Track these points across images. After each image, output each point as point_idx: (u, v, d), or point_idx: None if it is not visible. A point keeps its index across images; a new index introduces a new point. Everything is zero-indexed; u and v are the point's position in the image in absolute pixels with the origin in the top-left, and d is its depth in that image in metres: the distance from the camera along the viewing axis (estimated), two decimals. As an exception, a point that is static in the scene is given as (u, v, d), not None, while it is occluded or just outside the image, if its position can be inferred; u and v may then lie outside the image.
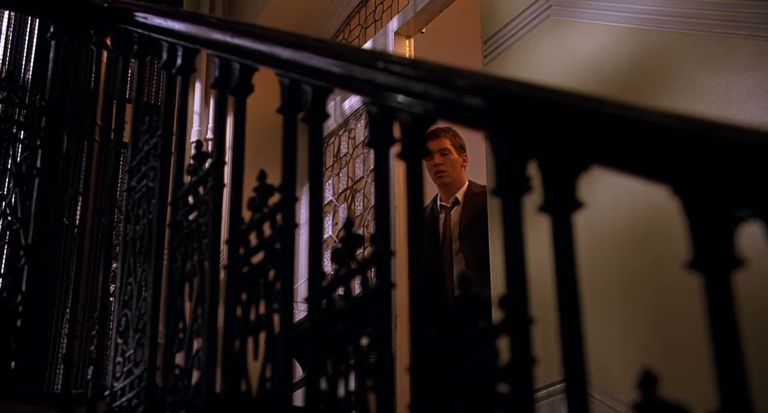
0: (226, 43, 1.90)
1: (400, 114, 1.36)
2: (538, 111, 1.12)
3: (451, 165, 4.44)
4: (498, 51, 3.46)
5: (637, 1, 2.89)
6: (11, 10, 2.92)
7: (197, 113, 5.60)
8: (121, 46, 2.44)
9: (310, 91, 1.59)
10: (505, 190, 1.13)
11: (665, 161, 0.93)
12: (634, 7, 2.89)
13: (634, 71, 2.84)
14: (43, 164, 2.38)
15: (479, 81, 1.25)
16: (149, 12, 2.30)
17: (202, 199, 1.89)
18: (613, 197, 2.69)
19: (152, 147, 2.17)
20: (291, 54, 1.67)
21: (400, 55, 1.41)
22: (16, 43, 3.31)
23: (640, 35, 2.86)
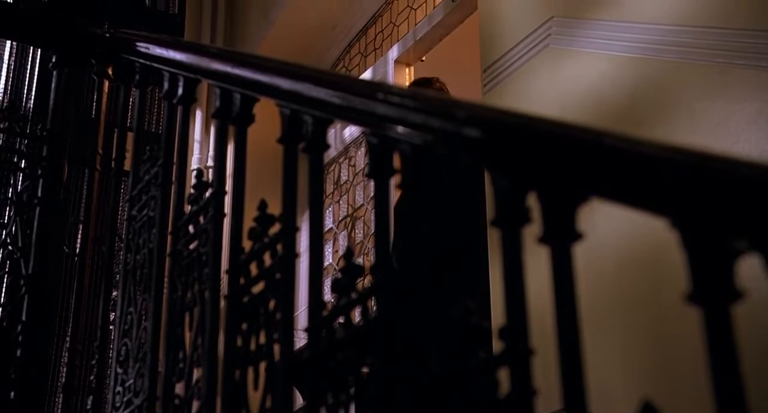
0: (227, 74, 1.91)
1: (400, 145, 1.37)
2: (537, 143, 1.13)
3: None
4: (497, 80, 3.47)
5: (637, 31, 2.91)
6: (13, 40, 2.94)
7: (198, 140, 5.62)
8: (123, 76, 2.45)
9: (311, 122, 1.60)
10: (504, 221, 1.14)
11: (663, 194, 0.93)
12: (634, 36, 2.91)
13: (634, 100, 2.86)
14: (44, 193, 2.39)
15: (478, 113, 1.25)
16: (151, 42, 2.31)
17: (203, 228, 1.90)
18: (613, 223, 2.70)
19: (153, 176, 2.17)
20: (291, 85, 1.68)
21: (399, 87, 1.42)
22: (18, 73, 3.33)
23: (639, 64, 2.87)
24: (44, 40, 2.58)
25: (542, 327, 1.20)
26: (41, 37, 2.56)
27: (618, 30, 2.99)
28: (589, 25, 3.11)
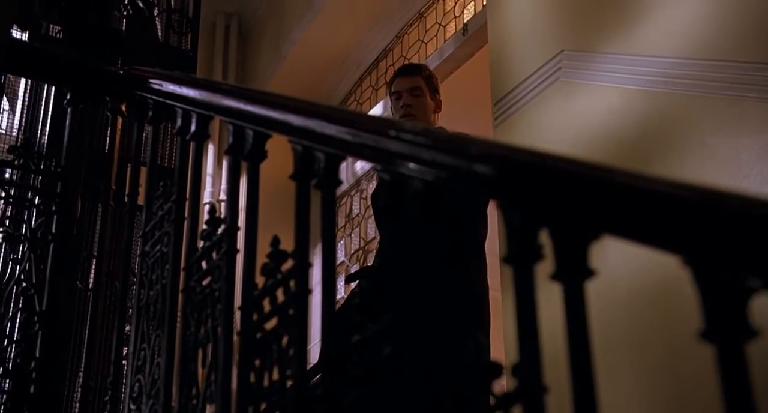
0: (240, 111, 1.93)
1: (413, 181, 1.38)
2: (549, 180, 1.13)
3: (422, 108, 3.73)
4: (508, 113, 3.49)
5: (647, 64, 2.92)
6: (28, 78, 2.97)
7: (210, 174, 5.64)
8: (137, 112, 2.47)
9: (323, 159, 1.61)
10: (516, 258, 1.14)
11: (676, 231, 0.94)
12: (644, 69, 2.92)
13: (645, 133, 2.86)
14: (58, 229, 2.40)
15: (490, 149, 1.26)
16: (164, 79, 2.33)
17: (216, 264, 1.90)
18: (626, 255, 2.69)
19: (166, 212, 2.18)
20: (303, 121, 1.69)
21: (411, 123, 1.43)
22: (32, 109, 3.36)
23: (650, 97, 2.88)
24: (59, 77, 2.60)
25: (555, 361, 1.19)
26: (56, 74, 2.58)
27: (628, 63, 3.00)
28: (599, 59, 3.13)
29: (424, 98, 3.71)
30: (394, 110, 3.73)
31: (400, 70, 3.86)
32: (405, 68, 3.86)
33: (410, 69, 3.86)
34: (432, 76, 3.83)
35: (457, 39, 4.73)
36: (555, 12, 3.44)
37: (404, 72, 3.80)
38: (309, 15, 5.45)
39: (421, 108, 3.69)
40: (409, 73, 3.79)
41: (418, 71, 3.81)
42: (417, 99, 3.69)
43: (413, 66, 3.95)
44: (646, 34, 2.98)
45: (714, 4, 2.77)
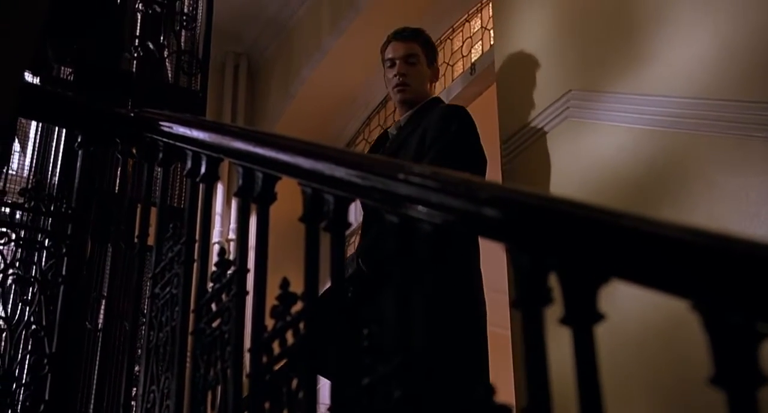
0: (249, 153, 1.94)
1: (421, 224, 1.38)
2: (557, 224, 1.13)
3: (418, 77, 3.42)
4: (516, 152, 3.50)
5: (654, 103, 2.93)
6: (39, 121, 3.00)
7: (219, 213, 5.66)
8: (147, 154, 2.49)
9: (332, 201, 1.62)
10: (525, 302, 1.14)
11: (684, 276, 0.94)
12: (652, 108, 2.93)
13: (653, 172, 2.86)
14: (68, 271, 2.41)
15: (498, 193, 1.27)
16: (173, 121, 2.35)
17: (225, 306, 1.91)
18: (636, 295, 2.68)
19: (176, 254, 2.19)
20: (312, 164, 1.70)
21: (420, 166, 1.44)
22: (43, 150, 3.38)
23: (657, 136, 2.89)
24: (70, 120, 2.63)
25: (565, 405, 1.19)
26: (67, 117, 2.61)
27: (635, 102, 3.01)
28: (607, 98, 3.14)
29: (420, 66, 3.42)
30: (387, 79, 3.45)
31: (394, 33, 3.51)
32: (400, 32, 3.49)
33: (406, 33, 3.49)
34: (430, 41, 3.53)
35: (464, 78, 4.75)
36: (562, 51, 3.46)
37: (399, 36, 3.46)
38: (318, 55, 5.49)
39: (416, 77, 3.41)
40: (405, 37, 3.46)
41: (415, 36, 3.48)
42: (412, 67, 3.40)
43: (409, 30, 3.54)
44: (654, 73, 2.99)
45: (721, 43, 2.79)
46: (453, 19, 5.05)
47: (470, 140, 3.23)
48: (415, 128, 3.27)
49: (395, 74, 3.39)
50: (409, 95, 3.42)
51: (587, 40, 3.35)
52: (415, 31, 3.53)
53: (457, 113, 3.30)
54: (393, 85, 3.41)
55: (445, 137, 3.15)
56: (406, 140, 3.27)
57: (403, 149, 3.23)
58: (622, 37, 3.19)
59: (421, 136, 3.20)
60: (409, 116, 3.40)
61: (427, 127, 3.22)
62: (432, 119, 3.24)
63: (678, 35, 2.94)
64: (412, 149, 3.18)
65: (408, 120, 3.38)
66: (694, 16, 2.91)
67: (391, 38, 3.49)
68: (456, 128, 3.18)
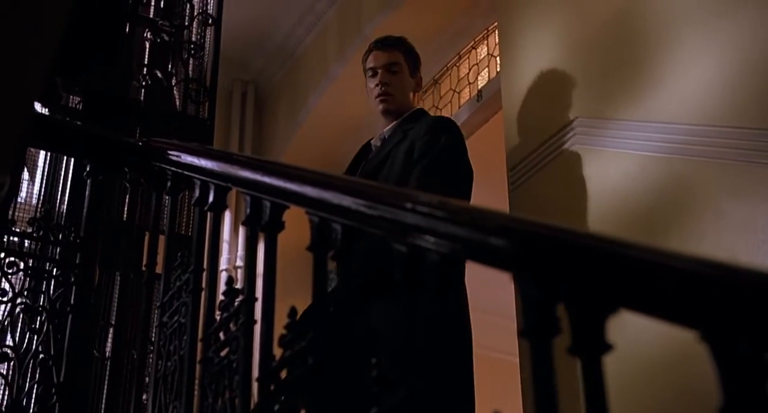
0: (257, 182, 1.95)
1: (429, 254, 1.39)
2: (565, 254, 1.14)
3: (401, 87, 3.32)
4: (523, 179, 3.50)
5: (661, 130, 2.94)
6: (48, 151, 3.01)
7: (226, 241, 5.66)
8: (155, 183, 2.50)
9: (340, 230, 1.62)
10: (533, 332, 1.14)
11: (691, 306, 0.94)
12: (658, 135, 2.94)
13: (660, 199, 2.86)
14: (77, 300, 2.41)
15: (505, 222, 1.27)
16: (182, 150, 2.36)
17: (234, 335, 1.91)
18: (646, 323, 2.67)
19: (184, 283, 2.20)
20: (319, 193, 1.71)
21: (427, 195, 1.45)
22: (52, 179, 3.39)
23: (664, 163, 2.89)
24: (79, 150, 2.64)
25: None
26: (76, 147, 2.63)
27: (641, 129, 3.02)
28: (613, 125, 3.15)
29: (402, 75, 3.33)
30: (368, 89, 3.36)
31: (375, 42, 3.41)
32: (381, 41, 3.39)
33: (388, 42, 3.39)
34: (413, 50, 3.43)
35: (471, 105, 4.77)
36: (569, 78, 3.48)
37: (381, 45, 3.35)
38: (324, 82, 5.51)
39: (399, 87, 3.32)
40: (387, 46, 3.36)
41: (397, 44, 3.39)
42: (395, 76, 3.31)
43: (392, 38, 3.44)
44: (660, 100, 3.00)
45: (726, 70, 2.80)
46: (459, 46, 5.07)
47: (459, 153, 3.18)
48: (402, 140, 3.18)
49: (377, 84, 3.30)
50: (392, 106, 3.33)
51: (593, 67, 3.36)
52: (398, 39, 3.44)
53: (445, 126, 3.23)
54: (375, 95, 3.32)
55: (433, 151, 3.07)
56: (392, 151, 3.17)
57: (389, 161, 3.15)
58: (628, 64, 3.20)
59: (409, 148, 3.12)
60: (394, 127, 3.30)
61: (414, 139, 3.13)
62: (420, 130, 3.15)
63: (684, 63, 2.95)
64: (399, 161, 3.10)
65: (393, 131, 3.28)
66: (699, 44, 2.92)
67: (372, 47, 3.39)
68: (445, 141, 3.11)
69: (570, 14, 3.54)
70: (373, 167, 3.18)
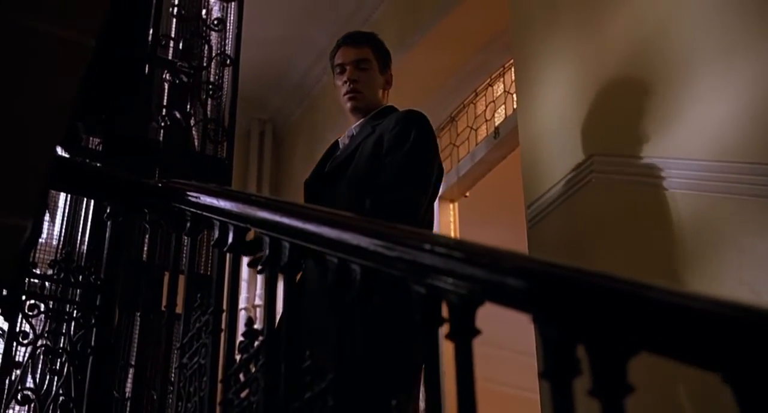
0: (275, 223, 1.96)
1: (448, 295, 1.39)
2: (583, 295, 1.14)
3: (370, 84, 3.20)
4: (542, 215, 3.50)
5: (679, 166, 2.94)
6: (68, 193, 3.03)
7: (245, 279, 5.67)
8: (175, 224, 2.51)
9: (359, 271, 1.63)
10: (553, 373, 1.14)
11: (712, 348, 0.94)
12: (676, 171, 2.94)
13: (680, 236, 2.86)
14: (97, 342, 2.42)
15: (523, 263, 1.27)
16: (201, 192, 2.37)
17: (254, 377, 1.91)
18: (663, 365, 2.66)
19: (204, 324, 2.20)
20: (338, 234, 1.71)
21: (445, 237, 1.46)
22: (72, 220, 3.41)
23: (683, 199, 2.89)
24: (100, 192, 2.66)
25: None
26: (96, 189, 2.65)
27: (659, 166, 3.02)
28: (631, 162, 3.15)
29: (372, 72, 3.21)
30: (336, 86, 3.25)
31: (344, 38, 3.31)
32: (350, 36, 3.28)
33: (356, 37, 3.28)
34: (383, 46, 3.31)
35: (488, 142, 4.78)
36: (586, 115, 3.48)
37: (349, 40, 3.24)
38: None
39: (368, 84, 3.19)
40: (356, 42, 3.25)
41: (366, 40, 3.27)
42: (364, 73, 3.19)
43: (361, 34, 3.35)
44: (677, 136, 3.00)
45: (745, 105, 2.80)
46: (476, 84, 5.10)
47: (429, 148, 3.05)
48: (370, 134, 3.07)
49: (345, 81, 3.18)
50: (361, 103, 3.20)
51: (610, 103, 3.37)
52: (367, 34, 3.34)
53: (415, 119, 3.08)
54: (343, 92, 3.20)
55: (403, 145, 2.96)
56: (360, 145, 3.07)
57: (356, 155, 3.05)
58: (645, 100, 3.20)
59: (377, 140, 3.02)
60: (362, 123, 3.19)
61: (383, 132, 3.03)
62: (388, 124, 3.05)
63: (701, 98, 2.95)
64: (366, 154, 3.01)
65: (361, 128, 3.17)
66: (717, 80, 2.92)
67: (340, 43, 3.28)
68: (415, 136, 2.98)
69: (586, 51, 3.56)
70: (340, 163, 3.10)
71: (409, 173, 2.91)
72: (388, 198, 2.85)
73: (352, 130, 3.22)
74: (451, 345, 1.34)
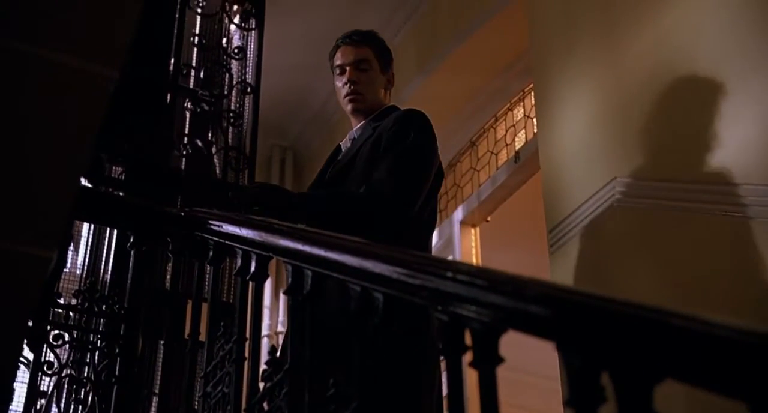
0: (297, 251, 1.96)
1: (470, 322, 1.38)
2: (606, 322, 1.13)
3: (371, 85, 3.10)
4: (564, 240, 3.49)
5: (701, 189, 2.93)
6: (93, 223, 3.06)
7: (267, 306, 5.68)
8: (197, 253, 2.52)
9: (382, 299, 1.63)
10: (578, 401, 1.13)
11: (739, 377, 0.93)
12: (698, 196, 2.92)
13: (705, 259, 2.84)
14: (121, 371, 2.43)
15: (546, 291, 1.27)
16: (223, 220, 2.39)
17: (277, 405, 1.91)
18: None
19: (227, 353, 2.20)
20: (360, 262, 1.71)
21: (467, 264, 1.46)
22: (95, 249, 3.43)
23: (707, 222, 2.87)
24: (123, 222, 2.68)
25: None
26: (120, 219, 2.67)
27: (681, 190, 3.01)
28: (654, 185, 3.14)
29: (372, 73, 3.10)
30: (337, 88, 3.15)
31: (343, 37, 3.19)
32: (350, 36, 3.17)
33: (356, 37, 3.16)
34: (383, 45, 3.20)
35: (509, 167, 4.78)
36: (606, 138, 3.48)
37: (348, 41, 3.13)
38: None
39: (369, 85, 3.08)
40: (355, 42, 3.13)
41: (366, 40, 3.15)
42: (364, 74, 3.08)
43: (360, 33, 3.20)
44: (699, 159, 2.99)
45: (765, 128, 2.79)
46: (496, 108, 5.11)
47: (427, 147, 2.94)
48: (370, 136, 2.99)
49: (345, 82, 3.08)
50: (361, 106, 3.09)
51: (631, 126, 3.36)
52: (367, 33, 3.20)
53: (414, 118, 2.99)
54: (343, 94, 3.10)
55: (400, 145, 2.87)
56: (361, 149, 2.99)
57: (356, 160, 2.97)
58: (665, 123, 3.20)
59: (375, 142, 2.93)
60: (364, 125, 3.10)
61: (381, 132, 2.94)
62: (387, 124, 2.96)
63: (722, 121, 2.94)
64: (365, 158, 2.93)
65: (362, 130, 3.08)
66: (736, 102, 2.92)
67: (339, 43, 3.17)
68: (414, 136, 2.89)
69: (605, 74, 3.56)
70: (341, 168, 3.04)
71: (403, 170, 2.82)
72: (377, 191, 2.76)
73: (354, 133, 3.15)
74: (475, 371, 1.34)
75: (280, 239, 2.08)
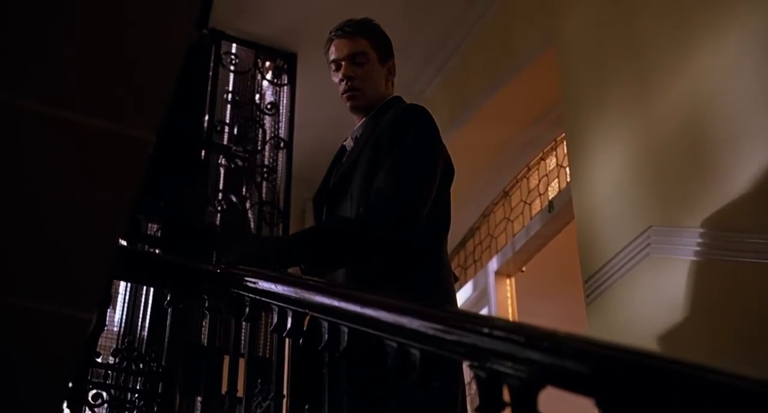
0: (333, 308, 1.97)
1: (508, 378, 1.38)
2: (645, 378, 1.13)
3: (369, 79, 2.87)
4: (600, 290, 3.47)
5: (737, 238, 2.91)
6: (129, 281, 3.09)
7: (304, 359, 5.67)
8: (234, 309, 2.53)
9: (418, 356, 1.63)
10: (618, 458, 1.13)
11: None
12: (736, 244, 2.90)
13: (744, 308, 2.81)
14: (160, 431, 2.44)
15: (583, 346, 1.27)
16: (258, 277, 2.40)
17: (315, 463, 1.90)
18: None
19: (265, 410, 2.20)
20: (396, 318, 1.71)
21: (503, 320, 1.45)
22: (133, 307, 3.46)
23: (745, 271, 2.85)
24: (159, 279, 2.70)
25: None
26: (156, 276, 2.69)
27: (717, 238, 2.98)
28: (690, 233, 3.12)
29: (370, 66, 2.88)
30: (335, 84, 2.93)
31: (335, 29, 2.93)
32: (342, 27, 2.92)
33: (349, 28, 2.91)
34: (380, 34, 2.95)
35: (543, 216, 4.78)
36: (640, 187, 3.47)
37: (341, 33, 2.89)
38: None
39: (367, 79, 2.86)
40: (349, 33, 2.88)
41: (360, 30, 2.90)
42: (361, 68, 2.86)
43: (353, 23, 2.94)
44: (735, 206, 2.98)
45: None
46: (528, 158, 5.12)
47: (429, 144, 2.74)
48: (370, 137, 2.79)
49: (341, 79, 2.86)
50: (361, 102, 2.88)
51: (665, 174, 3.36)
52: (361, 23, 2.94)
53: (412, 116, 2.78)
54: (341, 91, 2.88)
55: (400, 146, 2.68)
56: (363, 151, 2.78)
57: (357, 165, 2.77)
58: (700, 170, 3.19)
59: (374, 146, 2.73)
60: (365, 123, 2.90)
61: (380, 135, 2.74)
62: (385, 124, 2.76)
63: (756, 166, 2.93)
64: (365, 163, 2.73)
65: (364, 128, 2.88)
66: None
67: (332, 36, 2.92)
68: (413, 136, 2.69)
69: (637, 122, 3.56)
70: (344, 173, 2.84)
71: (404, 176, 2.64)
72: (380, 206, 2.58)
73: (356, 131, 2.95)
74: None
75: (316, 295, 2.08)
